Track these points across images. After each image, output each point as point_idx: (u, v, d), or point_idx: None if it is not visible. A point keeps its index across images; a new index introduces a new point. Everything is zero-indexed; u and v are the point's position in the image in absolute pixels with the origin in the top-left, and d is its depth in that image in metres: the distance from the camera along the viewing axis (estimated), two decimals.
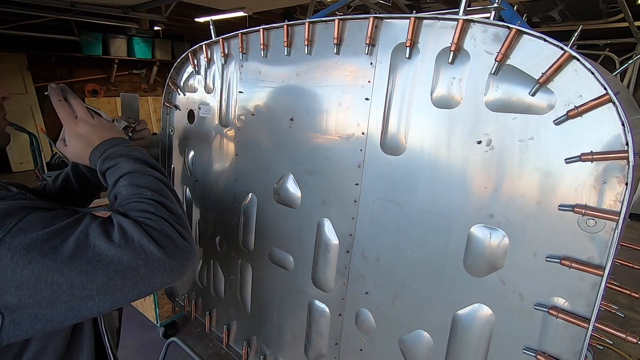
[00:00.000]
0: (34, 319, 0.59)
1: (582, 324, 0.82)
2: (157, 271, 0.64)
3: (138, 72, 7.84)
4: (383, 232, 1.16)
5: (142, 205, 0.72)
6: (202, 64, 1.65)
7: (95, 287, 0.60)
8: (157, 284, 0.66)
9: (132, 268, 0.62)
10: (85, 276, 0.59)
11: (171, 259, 0.66)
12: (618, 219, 0.75)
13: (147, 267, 0.63)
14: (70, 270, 0.58)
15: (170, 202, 0.76)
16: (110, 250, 0.62)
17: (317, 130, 1.26)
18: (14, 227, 0.58)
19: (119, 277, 0.61)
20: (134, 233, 0.65)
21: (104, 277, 0.60)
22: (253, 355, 1.71)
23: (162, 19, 4.92)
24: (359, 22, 1.10)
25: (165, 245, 0.66)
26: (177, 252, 0.67)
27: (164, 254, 0.65)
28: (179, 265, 0.67)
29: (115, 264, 0.61)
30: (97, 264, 0.60)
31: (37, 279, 0.56)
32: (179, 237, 0.69)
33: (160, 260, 0.64)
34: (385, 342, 1.22)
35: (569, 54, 0.77)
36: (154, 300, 2.60)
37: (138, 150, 0.88)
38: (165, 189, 0.79)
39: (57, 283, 0.57)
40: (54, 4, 4.10)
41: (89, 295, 0.60)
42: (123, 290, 0.63)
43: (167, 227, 0.69)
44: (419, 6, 4.57)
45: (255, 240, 1.58)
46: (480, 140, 0.93)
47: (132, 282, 0.63)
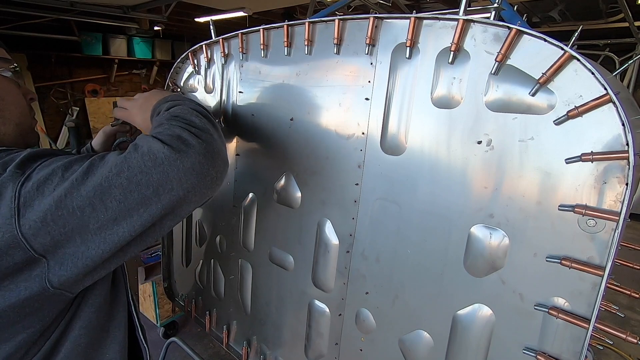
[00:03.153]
0: (74, 257, 0.60)
1: (582, 324, 0.82)
2: (170, 172, 0.62)
3: (138, 72, 7.84)
4: (383, 232, 1.15)
5: (159, 121, 0.73)
6: (202, 64, 1.65)
7: (116, 203, 0.60)
8: (178, 189, 0.63)
9: (142, 172, 0.61)
10: (102, 192, 0.59)
11: (182, 156, 0.63)
12: (618, 219, 0.75)
13: (158, 167, 0.61)
14: (85, 188, 0.58)
15: (190, 115, 0.74)
16: (119, 159, 0.62)
17: (317, 130, 1.26)
18: (40, 165, 0.61)
19: (133, 185, 0.60)
20: (143, 141, 0.64)
21: (119, 189, 0.60)
22: (253, 355, 1.71)
23: (162, 19, 4.92)
24: (359, 22, 1.10)
25: (172, 143, 0.64)
26: (189, 149, 0.64)
27: (173, 151, 0.63)
28: (194, 163, 0.64)
29: (126, 170, 0.60)
30: (109, 174, 0.60)
31: (58, 206, 0.57)
32: (191, 135, 0.66)
33: (169, 158, 0.62)
34: (385, 342, 1.22)
35: (569, 54, 0.77)
36: (154, 300, 2.60)
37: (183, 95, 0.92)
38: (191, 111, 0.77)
39: (78, 207, 0.58)
40: (54, 4, 4.10)
41: (113, 217, 0.60)
42: (144, 202, 0.61)
43: (177, 129, 0.67)
44: (419, 6, 4.57)
45: (255, 240, 1.58)
46: (480, 140, 0.93)
47: (150, 191, 0.61)
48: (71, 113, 6.88)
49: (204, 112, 0.80)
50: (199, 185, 0.65)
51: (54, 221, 0.57)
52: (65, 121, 6.78)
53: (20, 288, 0.59)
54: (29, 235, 0.56)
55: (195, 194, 0.66)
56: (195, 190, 0.65)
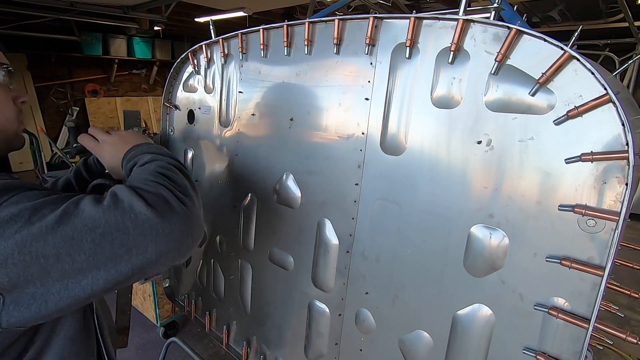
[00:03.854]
0: (31, 299, 0.56)
1: (582, 324, 0.82)
2: (148, 234, 0.59)
3: (138, 72, 7.84)
4: (383, 232, 1.15)
5: (142, 175, 0.69)
6: (202, 64, 1.65)
7: (84, 257, 0.56)
8: (151, 253, 0.60)
9: (120, 230, 0.57)
10: (71, 244, 0.55)
11: (164, 220, 0.60)
12: (618, 219, 0.75)
13: (137, 229, 0.58)
14: (54, 237, 0.54)
15: (173, 174, 0.72)
16: (97, 212, 0.57)
17: (317, 130, 1.26)
18: (6, 202, 0.56)
19: (106, 242, 0.56)
20: (125, 195, 0.60)
21: (90, 243, 0.56)
22: (253, 355, 1.71)
23: (162, 19, 4.92)
24: (359, 22, 1.10)
25: (157, 205, 0.61)
26: (172, 215, 0.62)
27: (156, 214, 0.60)
28: (174, 230, 0.61)
29: (102, 226, 0.56)
30: (83, 228, 0.56)
31: (21, 251, 0.53)
32: (176, 200, 0.64)
33: (150, 220, 0.59)
34: (385, 342, 1.22)
35: (569, 54, 0.77)
36: (154, 301, 2.60)
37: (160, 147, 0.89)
38: (176, 172, 0.76)
39: (43, 255, 0.54)
40: (54, 4, 4.10)
41: (79, 268, 0.56)
42: (114, 260, 0.57)
43: (163, 190, 0.64)
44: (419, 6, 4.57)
45: (255, 240, 1.58)
46: (480, 140, 0.93)
47: (123, 250, 0.57)
48: (71, 113, 6.88)
49: (186, 173, 0.79)
50: (173, 251, 0.63)
51: (14, 264, 0.54)
52: (65, 121, 6.78)
53: None
54: None
55: (168, 259, 0.63)
56: (168, 256, 0.62)
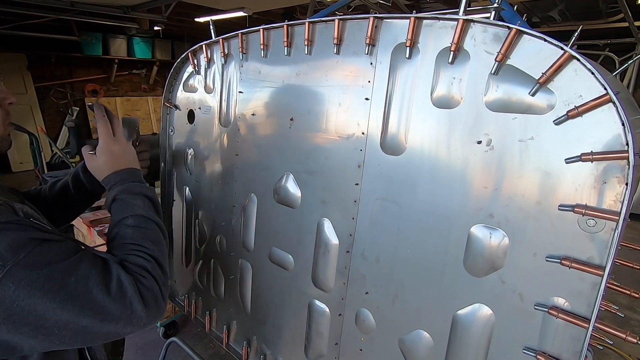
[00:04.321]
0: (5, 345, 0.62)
1: (582, 324, 0.82)
2: (131, 325, 0.71)
3: (138, 72, 7.84)
4: (383, 232, 1.15)
5: (141, 261, 0.79)
6: (202, 64, 1.65)
7: (76, 328, 0.65)
8: (123, 334, 0.73)
9: (114, 320, 0.68)
10: (72, 318, 0.64)
11: (149, 317, 0.73)
12: (618, 219, 0.75)
13: (127, 321, 0.70)
14: (62, 311, 0.62)
15: (164, 260, 0.85)
16: (105, 301, 0.67)
17: (317, 130, 1.26)
18: (21, 261, 0.61)
19: (100, 325, 0.67)
20: (129, 289, 0.71)
21: (88, 322, 0.65)
22: (253, 355, 1.71)
23: (162, 19, 4.92)
24: (359, 22, 1.10)
25: (149, 305, 0.73)
26: (156, 312, 0.75)
27: (146, 313, 0.72)
28: (150, 322, 0.75)
29: (104, 314, 0.67)
30: (88, 310, 0.65)
31: (29, 313, 0.60)
32: (161, 299, 0.77)
33: (140, 318, 0.71)
34: (385, 342, 1.22)
35: (569, 54, 0.77)
36: None
37: (151, 189, 0.96)
38: (162, 241, 0.89)
39: (44, 318, 0.61)
40: (54, 4, 4.10)
41: (66, 334, 0.65)
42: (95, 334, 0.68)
43: (156, 288, 0.77)
44: (419, 6, 4.57)
45: (255, 240, 1.58)
46: (480, 140, 0.93)
47: (105, 330, 0.68)
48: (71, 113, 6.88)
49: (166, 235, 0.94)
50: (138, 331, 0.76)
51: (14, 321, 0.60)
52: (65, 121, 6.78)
53: None
54: None
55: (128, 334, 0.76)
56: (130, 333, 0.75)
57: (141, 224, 0.86)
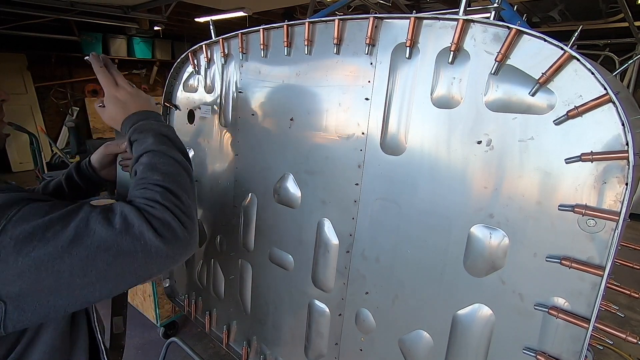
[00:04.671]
0: (38, 305, 0.59)
1: (582, 324, 0.82)
2: (154, 258, 0.65)
3: (138, 72, 7.85)
4: (383, 232, 1.15)
5: (149, 193, 0.73)
6: (202, 64, 1.65)
7: (95, 273, 0.61)
8: (154, 270, 0.68)
9: (130, 254, 0.63)
10: (85, 262, 0.60)
11: (169, 247, 0.67)
12: (618, 219, 0.75)
13: (145, 253, 0.64)
14: (70, 256, 0.59)
15: (180, 189, 0.76)
16: (110, 235, 0.62)
17: (317, 130, 1.26)
18: (14, 217, 0.59)
19: (117, 263, 0.62)
20: (135, 220, 0.65)
21: (103, 263, 0.61)
22: (253, 355, 1.71)
23: (162, 19, 4.92)
24: (359, 22, 1.10)
25: (164, 233, 0.67)
26: (176, 241, 0.68)
27: (162, 242, 0.66)
28: (176, 253, 0.69)
29: (115, 249, 0.62)
30: (96, 249, 0.61)
31: (38, 267, 0.57)
32: (179, 226, 0.70)
33: (157, 247, 0.65)
34: (385, 342, 1.22)
35: (569, 54, 0.77)
36: (154, 300, 2.60)
37: (168, 127, 0.91)
38: (181, 173, 0.80)
39: (58, 271, 0.58)
40: (54, 4, 4.10)
41: (90, 282, 0.61)
42: (122, 275, 0.64)
43: (169, 215, 0.69)
44: (419, 6, 4.57)
45: (255, 240, 1.58)
46: (480, 140, 0.93)
47: (131, 268, 0.64)
48: (71, 113, 6.89)
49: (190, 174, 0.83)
50: (172, 266, 0.72)
51: (29, 278, 0.57)
52: (65, 121, 6.78)
53: None
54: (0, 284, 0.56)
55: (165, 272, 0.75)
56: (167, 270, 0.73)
57: (151, 160, 0.79)
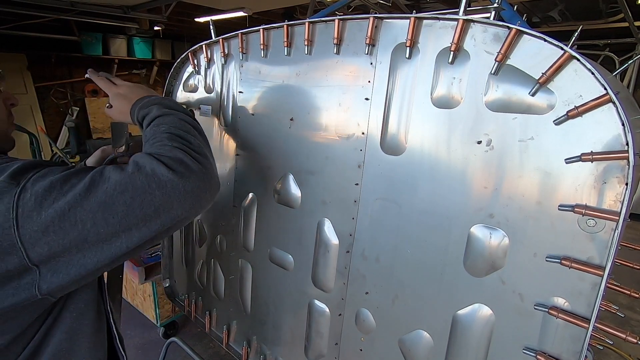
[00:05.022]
0: (69, 265, 0.61)
1: (582, 324, 0.82)
2: (172, 194, 0.66)
3: (138, 72, 7.83)
4: (383, 232, 1.15)
5: (157, 142, 0.76)
6: (202, 64, 1.65)
7: (117, 219, 0.62)
8: (177, 209, 0.67)
9: (147, 192, 0.64)
10: (104, 208, 0.61)
11: (184, 180, 0.67)
12: (618, 219, 0.75)
13: (161, 189, 0.65)
14: (89, 202, 0.60)
15: (188, 134, 0.79)
16: (124, 178, 0.64)
17: (317, 130, 1.26)
18: (34, 176, 0.61)
19: (136, 204, 0.63)
20: (146, 161, 0.67)
21: (121, 206, 0.62)
22: (253, 355, 1.71)
23: (162, 19, 4.92)
24: (359, 22, 1.10)
25: (176, 168, 0.68)
26: (191, 175, 0.69)
27: (176, 175, 0.67)
28: (194, 187, 0.69)
29: (130, 190, 0.63)
30: (113, 192, 0.62)
31: (61, 218, 0.58)
32: (192, 160, 0.71)
33: (172, 182, 0.66)
34: (385, 342, 1.22)
35: (569, 54, 0.77)
36: (154, 300, 2.60)
37: (170, 99, 0.98)
38: (186, 126, 0.83)
39: (80, 220, 0.60)
40: (54, 4, 4.10)
41: (114, 231, 0.62)
42: (145, 220, 0.64)
43: (179, 152, 0.71)
44: (418, 6, 4.57)
45: (255, 240, 1.58)
46: (480, 140, 0.93)
47: (151, 210, 0.64)
48: (71, 113, 6.88)
49: (199, 129, 0.87)
50: (195, 206, 0.71)
51: (54, 232, 0.58)
52: (65, 121, 6.78)
53: (8, 295, 0.59)
54: (28, 245, 0.57)
55: (192, 213, 0.72)
56: (192, 210, 0.71)
57: (158, 122, 0.84)
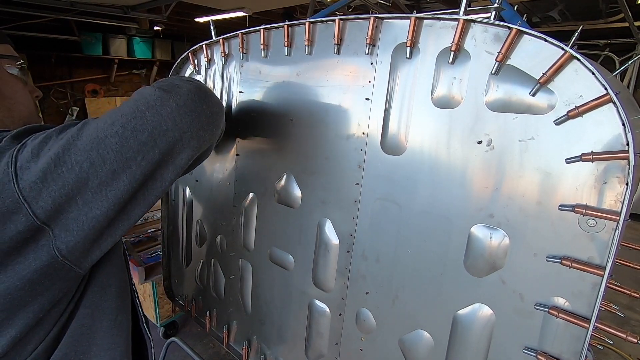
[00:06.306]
0: (78, 220, 0.59)
1: (583, 324, 0.82)
2: (163, 113, 0.61)
3: (138, 72, 7.84)
4: (383, 232, 1.15)
5: None
6: (202, 64, 1.65)
7: (113, 154, 0.59)
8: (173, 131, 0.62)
9: (136, 117, 0.60)
10: (97, 143, 0.58)
11: (175, 95, 0.63)
12: (618, 219, 0.75)
13: (151, 110, 0.61)
14: (81, 140, 0.58)
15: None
16: (113, 111, 0.62)
17: (317, 130, 1.26)
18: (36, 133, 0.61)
19: (128, 133, 0.59)
20: (135, 92, 0.65)
21: (114, 137, 0.59)
22: (253, 355, 1.71)
23: (162, 19, 4.92)
24: (359, 22, 1.10)
25: (165, 86, 0.64)
26: (180, 90, 0.65)
27: (164, 92, 0.63)
28: (187, 101, 0.64)
29: (120, 118, 0.60)
30: (104, 125, 0.60)
31: (56, 163, 0.56)
32: (181, 80, 0.67)
33: (161, 98, 0.62)
34: (386, 342, 1.22)
35: (570, 54, 0.77)
36: (154, 300, 2.60)
37: None
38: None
39: (77, 162, 0.57)
40: (54, 4, 4.10)
41: (112, 169, 0.59)
42: (142, 150, 0.60)
43: (167, 79, 0.68)
44: (419, 6, 4.57)
45: (256, 240, 1.58)
46: (480, 140, 0.93)
47: (145, 135, 0.60)
48: (71, 113, 6.88)
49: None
50: (193, 124, 0.65)
51: (53, 180, 0.56)
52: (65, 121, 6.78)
53: (29, 260, 0.58)
54: (30, 198, 0.55)
55: (192, 135, 0.65)
56: (190, 131, 0.65)
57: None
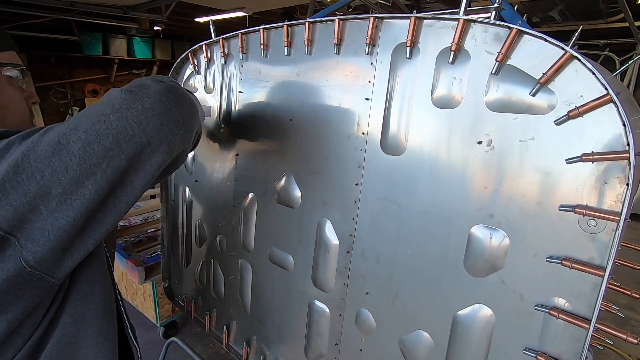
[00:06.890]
0: (43, 230, 0.55)
1: (583, 324, 0.82)
2: (129, 116, 0.57)
3: (138, 72, 7.83)
4: (383, 232, 1.15)
5: None
6: (202, 64, 1.65)
7: (76, 161, 0.55)
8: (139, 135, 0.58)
9: (100, 120, 0.56)
10: (60, 150, 0.54)
11: (142, 97, 0.59)
12: (619, 219, 0.75)
13: (116, 114, 0.57)
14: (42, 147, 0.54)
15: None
16: (77, 115, 0.58)
17: (317, 130, 1.26)
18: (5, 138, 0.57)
19: (92, 137, 0.55)
20: (103, 96, 0.61)
21: (77, 143, 0.55)
22: (253, 355, 1.71)
23: (162, 19, 4.92)
24: (359, 22, 1.10)
25: (132, 88, 0.60)
26: (148, 91, 0.61)
27: (131, 94, 0.59)
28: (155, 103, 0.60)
29: (83, 122, 0.56)
30: (66, 130, 0.56)
31: (16, 171, 0.52)
32: (152, 81, 0.63)
33: (126, 100, 0.58)
34: (386, 342, 1.22)
35: (570, 54, 0.77)
36: (154, 300, 2.60)
37: None
38: None
39: (37, 170, 0.53)
40: (54, 4, 4.09)
41: (75, 177, 0.55)
42: (107, 157, 0.56)
43: (138, 80, 0.64)
44: (419, 6, 4.56)
45: (256, 240, 1.58)
46: (480, 140, 0.93)
47: (110, 140, 0.56)
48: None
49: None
50: (162, 128, 0.61)
51: (13, 188, 0.53)
52: None
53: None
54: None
55: (161, 140, 0.61)
56: (159, 135, 0.61)
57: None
